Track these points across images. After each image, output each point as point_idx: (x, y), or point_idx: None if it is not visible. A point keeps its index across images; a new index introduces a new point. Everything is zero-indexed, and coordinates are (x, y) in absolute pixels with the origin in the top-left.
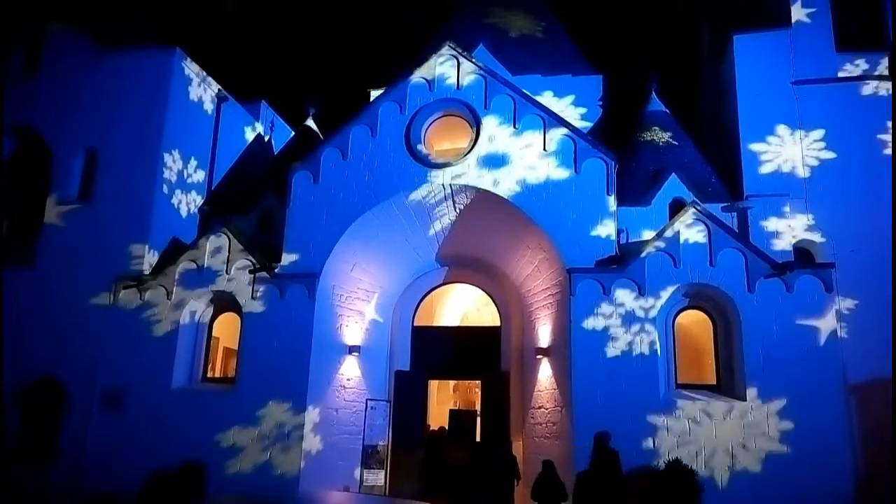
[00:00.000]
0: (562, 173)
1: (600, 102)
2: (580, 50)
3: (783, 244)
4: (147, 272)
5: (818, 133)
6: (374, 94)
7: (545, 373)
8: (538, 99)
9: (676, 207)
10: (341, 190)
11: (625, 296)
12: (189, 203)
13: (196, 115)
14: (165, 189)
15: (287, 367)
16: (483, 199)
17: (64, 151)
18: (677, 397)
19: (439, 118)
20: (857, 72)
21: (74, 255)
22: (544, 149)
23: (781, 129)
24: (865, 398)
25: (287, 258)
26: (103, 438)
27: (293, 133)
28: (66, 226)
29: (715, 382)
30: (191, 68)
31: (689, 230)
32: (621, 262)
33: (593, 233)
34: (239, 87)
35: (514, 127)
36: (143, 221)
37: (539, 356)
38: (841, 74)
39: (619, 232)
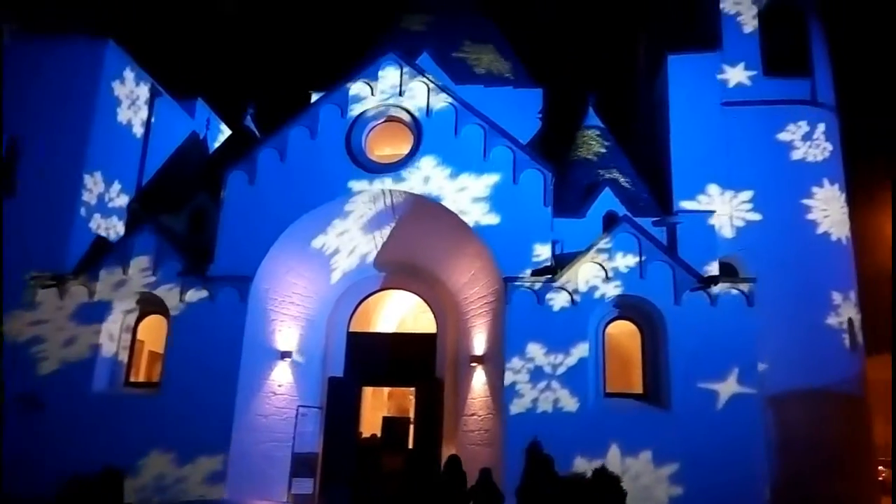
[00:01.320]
0: (500, 183)
1: (540, 115)
2: (522, 63)
3: (709, 258)
4: (69, 271)
5: (744, 154)
6: (316, 96)
7: (479, 380)
8: (480, 109)
9: (610, 220)
10: (278, 192)
11: (558, 305)
12: (116, 200)
13: (127, 108)
14: (90, 184)
15: (215, 371)
16: (422, 206)
17: None
18: (606, 405)
19: (381, 123)
20: (782, 96)
21: None
22: (484, 158)
23: (710, 146)
24: (782, 409)
25: (219, 260)
26: (18, 442)
27: (230, 132)
28: None
29: (642, 391)
30: (124, 60)
31: (621, 243)
32: (556, 272)
33: (529, 243)
34: (175, 83)
35: (455, 135)
36: (65, 216)
37: (473, 364)
38: (767, 98)
39: (554, 243)
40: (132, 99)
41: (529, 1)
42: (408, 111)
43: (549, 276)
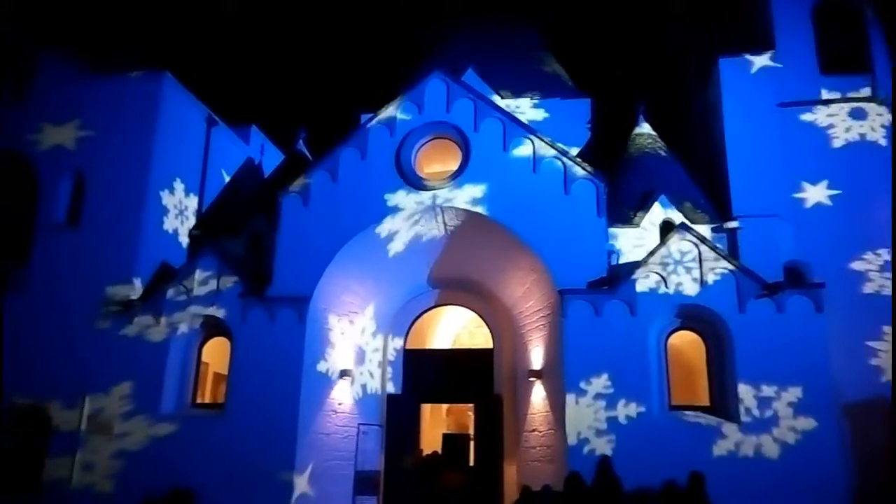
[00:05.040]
0: (552, 195)
1: (589, 125)
2: (568, 74)
3: (773, 264)
4: (136, 297)
5: (805, 154)
6: (365, 117)
7: (538, 395)
8: (527, 122)
9: (666, 228)
10: (331, 212)
11: (617, 316)
12: (178, 227)
13: (186, 139)
14: (154, 213)
15: (277, 391)
16: (473, 221)
17: (51, 175)
18: (671, 418)
19: (429, 141)
20: (840, 94)
21: (62, 281)
22: (534, 171)
23: (767, 148)
24: (856, 417)
25: (277, 281)
26: (90, 466)
27: (283, 157)
28: (54, 250)
29: (708, 403)
30: (180, 92)
31: (679, 251)
32: (612, 283)
33: (584, 254)
34: (229, 111)
35: (504, 150)
36: (131, 246)
37: (532, 378)
38: (825, 97)
39: (609, 253)
40: (190, 129)
41: (574, 11)
42: (455, 127)
43: (606, 287)
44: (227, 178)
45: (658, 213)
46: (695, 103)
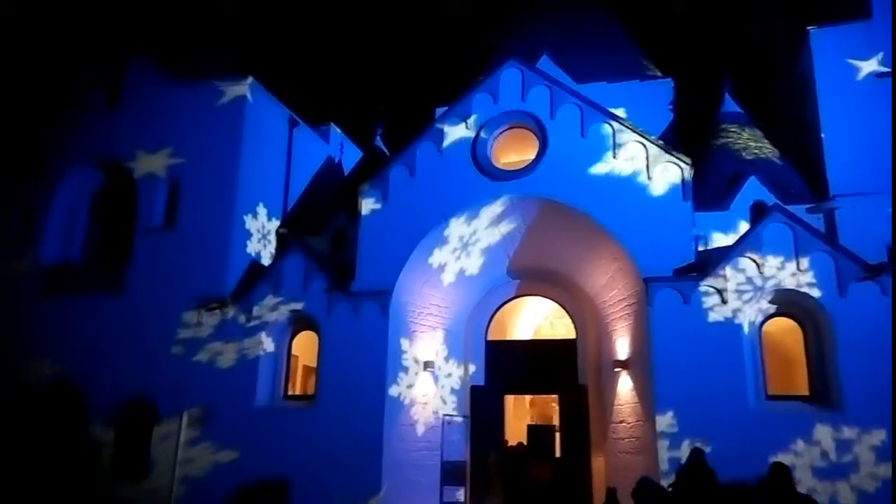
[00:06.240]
0: (634, 180)
1: (671, 106)
2: (647, 55)
3: (875, 245)
4: (228, 294)
5: None
6: (440, 110)
7: (625, 386)
8: (606, 107)
9: (758, 210)
10: (410, 207)
11: (706, 304)
12: (265, 226)
13: (269, 140)
14: (243, 212)
15: (364, 383)
16: (553, 210)
17: (147, 181)
18: (768, 409)
19: (505, 131)
20: None
21: (160, 281)
22: (614, 156)
23: (865, 122)
24: None
25: (360, 276)
26: (191, 456)
27: (361, 153)
28: (151, 252)
29: (808, 393)
30: (263, 95)
31: (773, 234)
32: (701, 269)
33: (670, 240)
34: (308, 111)
35: (582, 136)
36: (223, 246)
37: (617, 369)
38: None
39: (696, 238)
40: (273, 131)
41: None
42: (531, 116)
43: (695, 273)
44: (310, 178)
45: (748, 194)
46: (783, 78)
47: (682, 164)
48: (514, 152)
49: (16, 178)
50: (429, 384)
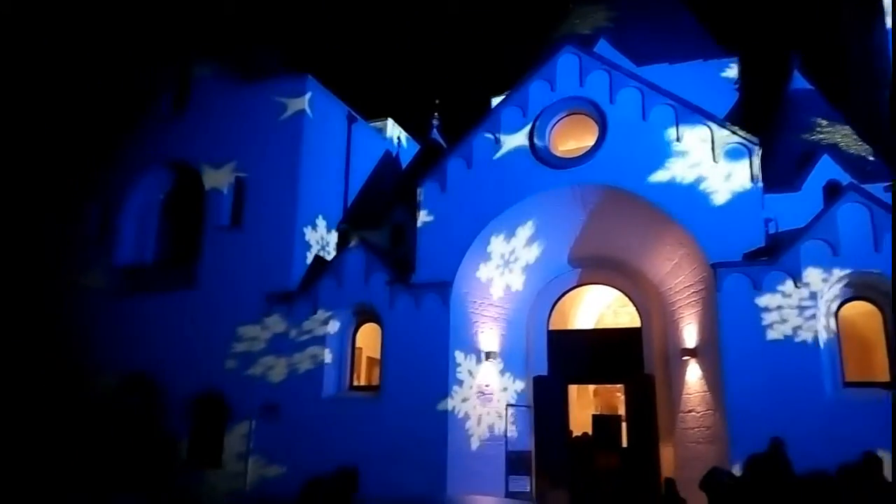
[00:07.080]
0: (699, 163)
1: (737, 86)
2: (709, 33)
3: None
4: (294, 289)
5: None
6: (496, 100)
7: (693, 374)
8: (667, 89)
9: (831, 191)
10: (468, 198)
11: (779, 289)
12: (327, 221)
13: (329, 137)
14: (306, 209)
15: (427, 373)
16: (614, 197)
17: (215, 182)
18: (846, 396)
19: (563, 118)
20: None
21: (229, 277)
22: (678, 139)
23: None
24: None
25: (420, 268)
26: (263, 446)
27: (419, 147)
28: (220, 250)
29: (889, 379)
30: (323, 93)
31: (849, 214)
32: (772, 253)
33: (739, 224)
34: (365, 106)
35: (644, 119)
36: (287, 242)
37: (685, 357)
38: None
39: (766, 221)
40: (333, 129)
41: None
42: (590, 101)
43: (765, 258)
44: (368, 173)
45: (821, 174)
46: (854, 53)
47: (750, 145)
48: (572, 139)
49: (95, 180)
50: (491, 374)
